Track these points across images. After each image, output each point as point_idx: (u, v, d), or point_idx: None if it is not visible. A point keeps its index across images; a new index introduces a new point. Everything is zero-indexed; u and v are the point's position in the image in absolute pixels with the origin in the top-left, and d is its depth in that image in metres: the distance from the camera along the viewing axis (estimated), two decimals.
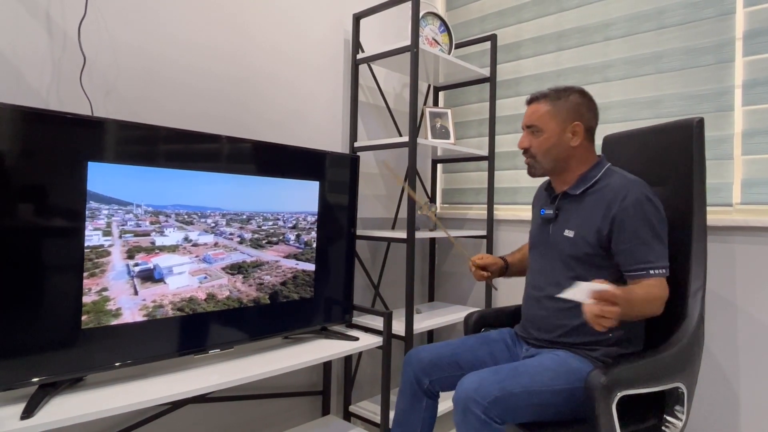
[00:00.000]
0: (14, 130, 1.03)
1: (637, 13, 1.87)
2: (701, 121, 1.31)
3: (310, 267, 1.62)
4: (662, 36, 1.81)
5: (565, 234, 1.33)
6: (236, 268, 1.42)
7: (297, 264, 1.58)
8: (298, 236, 1.58)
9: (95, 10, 1.35)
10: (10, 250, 1.04)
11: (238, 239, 1.42)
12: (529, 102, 1.39)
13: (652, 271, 1.20)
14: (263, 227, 1.48)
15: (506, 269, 1.58)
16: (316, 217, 1.64)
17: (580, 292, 1.04)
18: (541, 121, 1.34)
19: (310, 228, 1.62)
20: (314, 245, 1.64)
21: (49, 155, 1.08)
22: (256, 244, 1.46)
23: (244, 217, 1.44)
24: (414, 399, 1.41)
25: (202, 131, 1.53)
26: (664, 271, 1.20)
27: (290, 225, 1.56)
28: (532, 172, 1.39)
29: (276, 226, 1.52)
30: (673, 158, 1.37)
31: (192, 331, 1.34)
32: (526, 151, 1.38)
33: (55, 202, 1.09)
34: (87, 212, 1.14)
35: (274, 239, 1.51)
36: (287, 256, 1.55)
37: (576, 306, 1.25)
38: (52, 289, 1.10)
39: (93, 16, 1.35)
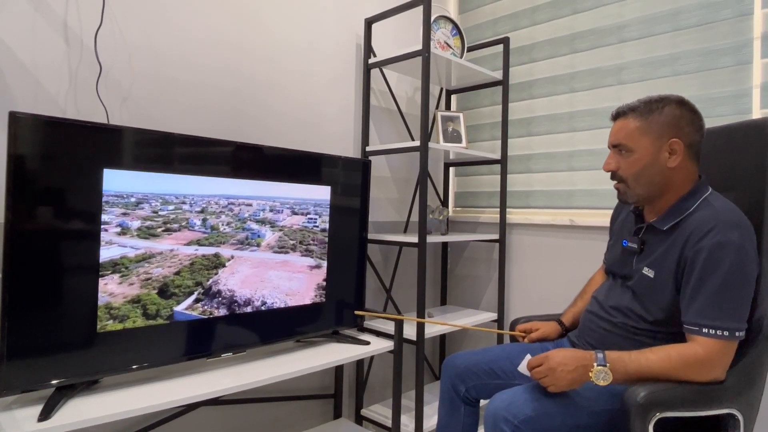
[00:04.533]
0: (35, 139, 1.06)
1: (653, 15, 1.84)
2: None
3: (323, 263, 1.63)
4: (678, 38, 1.78)
5: (644, 272, 1.17)
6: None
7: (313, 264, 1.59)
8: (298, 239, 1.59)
9: (111, 19, 1.37)
10: (29, 256, 1.06)
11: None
12: (615, 117, 1.22)
13: (705, 330, 1.02)
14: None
15: (565, 332, 1.46)
16: (328, 221, 1.65)
17: (524, 363, 1.14)
18: (630, 138, 1.15)
19: (321, 231, 1.63)
20: (326, 249, 1.65)
21: (67, 162, 1.11)
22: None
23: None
24: (452, 406, 1.41)
25: (214, 138, 1.55)
26: (724, 333, 1.01)
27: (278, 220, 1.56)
28: (624, 199, 1.22)
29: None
30: (743, 160, 1.22)
31: (205, 335, 1.36)
32: (613, 175, 1.21)
33: (72, 207, 1.12)
34: (103, 217, 1.16)
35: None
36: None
37: (631, 332, 1.19)
38: (68, 292, 1.12)
39: (109, 25, 1.37)
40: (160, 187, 1.25)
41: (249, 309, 1.44)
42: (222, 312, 1.39)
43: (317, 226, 1.61)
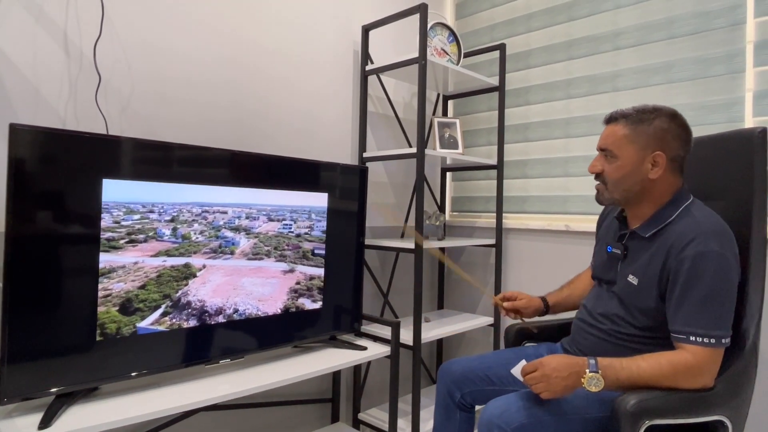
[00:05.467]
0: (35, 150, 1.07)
1: (648, 23, 1.86)
2: (764, 131, 1.19)
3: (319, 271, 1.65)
4: (673, 45, 1.80)
5: (628, 279, 1.19)
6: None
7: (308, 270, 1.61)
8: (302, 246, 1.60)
9: (110, 29, 1.39)
10: (30, 264, 1.08)
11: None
12: (607, 121, 1.24)
13: (692, 338, 1.04)
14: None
15: (545, 311, 1.48)
16: (325, 227, 1.67)
17: (518, 368, 1.15)
18: (617, 145, 1.19)
19: (319, 238, 1.64)
20: (323, 256, 1.66)
21: (67, 173, 1.12)
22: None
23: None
24: (448, 412, 1.42)
25: (213, 146, 1.57)
26: (711, 341, 1.04)
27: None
28: (600, 200, 1.27)
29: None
30: (732, 170, 1.24)
31: (203, 341, 1.37)
32: (597, 176, 1.25)
33: (71, 217, 1.13)
34: (102, 226, 1.17)
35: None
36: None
37: (620, 338, 1.20)
38: (68, 301, 1.13)
39: (108, 35, 1.38)
40: (161, 197, 1.27)
41: (221, 318, 1.40)
42: (192, 323, 1.34)
43: (292, 232, 1.59)
